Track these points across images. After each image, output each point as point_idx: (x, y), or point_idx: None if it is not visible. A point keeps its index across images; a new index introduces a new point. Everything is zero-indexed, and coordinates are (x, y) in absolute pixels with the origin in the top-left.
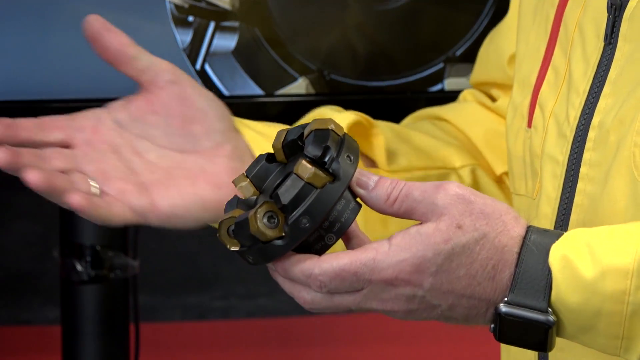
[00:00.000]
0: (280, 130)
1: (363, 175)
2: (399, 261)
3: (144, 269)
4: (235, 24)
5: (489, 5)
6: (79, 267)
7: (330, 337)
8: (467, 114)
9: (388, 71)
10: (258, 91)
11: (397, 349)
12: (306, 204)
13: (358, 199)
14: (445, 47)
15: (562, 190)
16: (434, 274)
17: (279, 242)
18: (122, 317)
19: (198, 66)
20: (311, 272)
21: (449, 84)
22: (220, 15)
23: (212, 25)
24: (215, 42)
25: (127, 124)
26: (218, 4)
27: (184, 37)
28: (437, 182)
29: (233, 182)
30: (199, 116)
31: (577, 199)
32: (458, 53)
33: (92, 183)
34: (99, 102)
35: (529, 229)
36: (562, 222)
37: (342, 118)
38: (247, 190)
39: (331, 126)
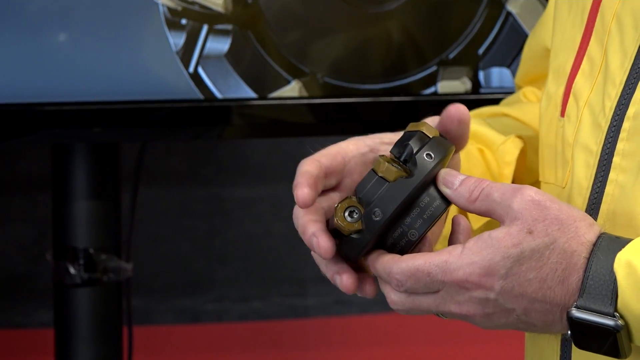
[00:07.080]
0: None
1: (449, 174)
2: (468, 264)
3: (137, 272)
4: (229, 26)
5: (482, 8)
6: (72, 270)
7: (323, 340)
8: (534, 114)
9: (381, 74)
10: (251, 94)
11: (389, 351)
12: (377, 197)
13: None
14: (438, 50)
15: (594, 179)
16: (504, 277)
17: (356, 236)
18: (115, 320)
19: (191, 69)
20: (390, 270)
21: (442, 86)
22: (213, 18)
23: (205, 28)
24: (209, 45)
25: None
26: (211, 7)
27: (177, 40)
28: (518, 185)
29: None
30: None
31: (609, 189)
32: (451, 56)
33: None
34: (93, 105)
35: (601, 235)
36: (592, 212)
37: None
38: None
39: (422, 128)
